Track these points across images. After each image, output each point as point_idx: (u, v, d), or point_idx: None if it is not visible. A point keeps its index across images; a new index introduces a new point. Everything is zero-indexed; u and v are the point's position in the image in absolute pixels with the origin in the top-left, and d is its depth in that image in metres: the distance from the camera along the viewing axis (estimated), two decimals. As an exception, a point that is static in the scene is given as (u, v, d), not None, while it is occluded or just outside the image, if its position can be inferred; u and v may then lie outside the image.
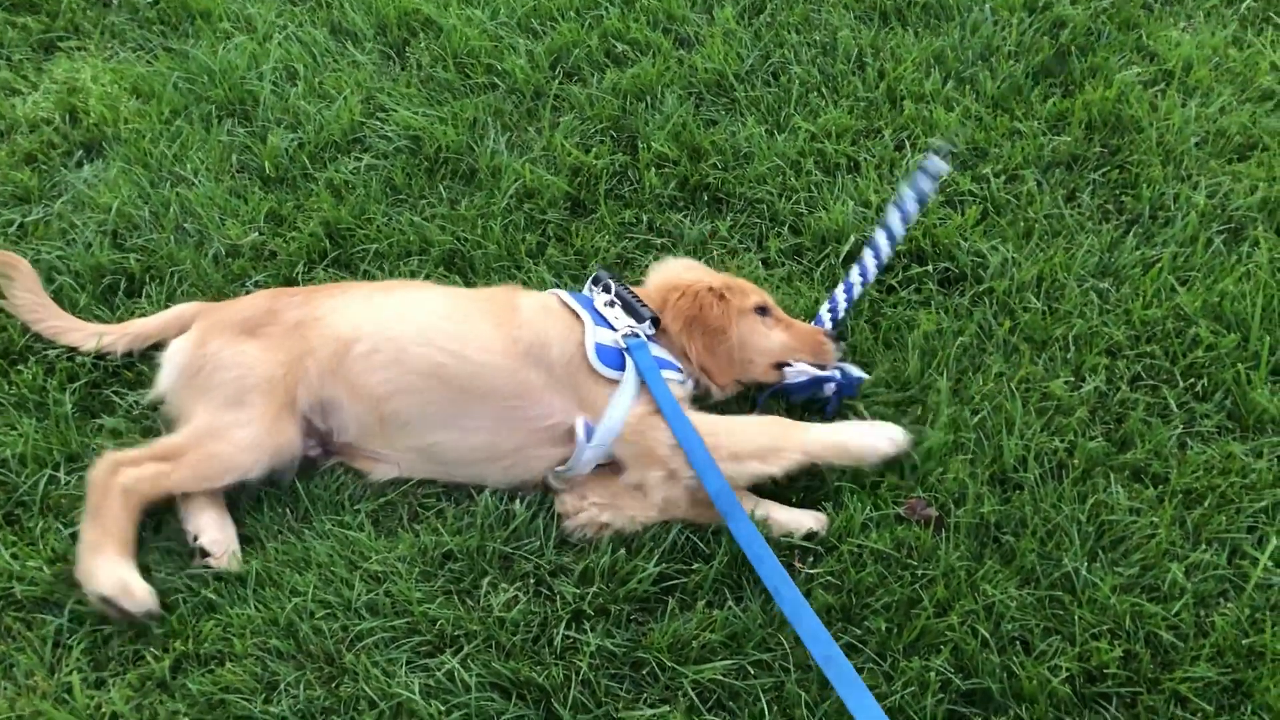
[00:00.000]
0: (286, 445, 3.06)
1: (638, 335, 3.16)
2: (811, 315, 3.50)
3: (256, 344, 3.13)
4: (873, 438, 3.05)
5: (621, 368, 3.09)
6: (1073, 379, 3.37)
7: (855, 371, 3.32)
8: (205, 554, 2.97)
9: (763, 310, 3.34)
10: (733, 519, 2.81)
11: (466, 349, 3.08)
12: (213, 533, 3.01)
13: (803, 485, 3.14)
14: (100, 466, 2.97)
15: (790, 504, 3.10)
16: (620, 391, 3.06)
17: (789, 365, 3.30)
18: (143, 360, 3.43)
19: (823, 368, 3.30)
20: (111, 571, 2.84)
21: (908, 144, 4.10)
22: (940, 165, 3.71)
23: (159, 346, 3.37)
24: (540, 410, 3.07)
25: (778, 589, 2.67)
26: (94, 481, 2.95)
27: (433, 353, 3.08)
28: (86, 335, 3.45)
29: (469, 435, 3.09)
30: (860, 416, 3.27)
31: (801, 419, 3.21)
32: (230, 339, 3.15)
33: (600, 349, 3.09)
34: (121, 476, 2.94)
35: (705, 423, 3.02)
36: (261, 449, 3.01)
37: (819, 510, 3.06)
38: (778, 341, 3.32)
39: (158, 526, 3.10)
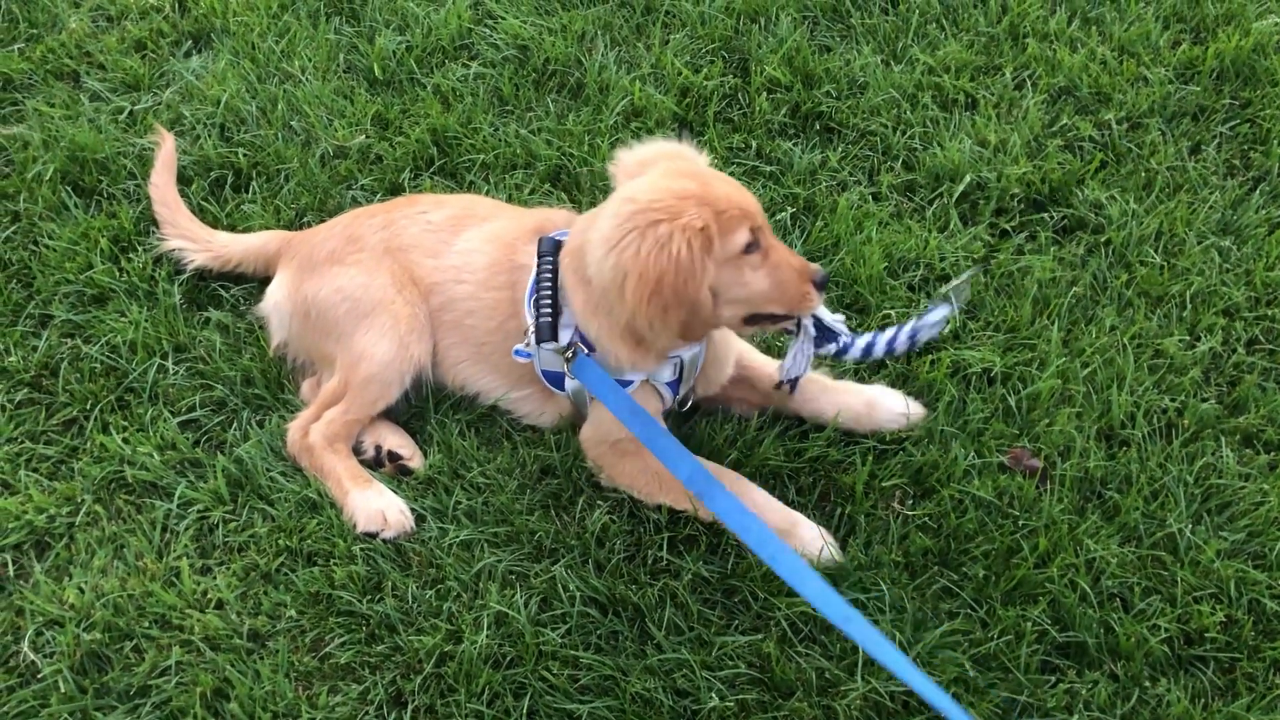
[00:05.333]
0: (424, 353, 3.10)
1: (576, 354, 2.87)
2: (916, 256, 3.43)
3: (352, 270, 3.12)
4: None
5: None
6: (1187, 338, 3.29)
7: (859, 338, 2.85)
8: (396, 457, 3.05)
9: (752, 245, 2.69)
10: (709, 498, 2.62)
11: None
12: (394, 438, 3.10)
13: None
14: (292, 438, 3.06)
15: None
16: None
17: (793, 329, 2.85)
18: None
19: (798, 323, 2.83)
20: (366, 506, 2.91)
21: (1029, 84, 3.97)
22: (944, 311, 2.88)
23: (235, 276, 3.46)
24: None
25: (774, 557, 2.50)
26: (298, 452, 3.05)
27: None
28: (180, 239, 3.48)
29: None
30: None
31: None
32: (323, 276, 3.14)
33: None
34: (313, 435, 3.03)
35: None
36: (402, 360, 3.05)
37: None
38: (758, 289, 2.71)
39: (262, 423, 3.16)
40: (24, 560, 2.91)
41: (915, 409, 3.08)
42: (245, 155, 3.78)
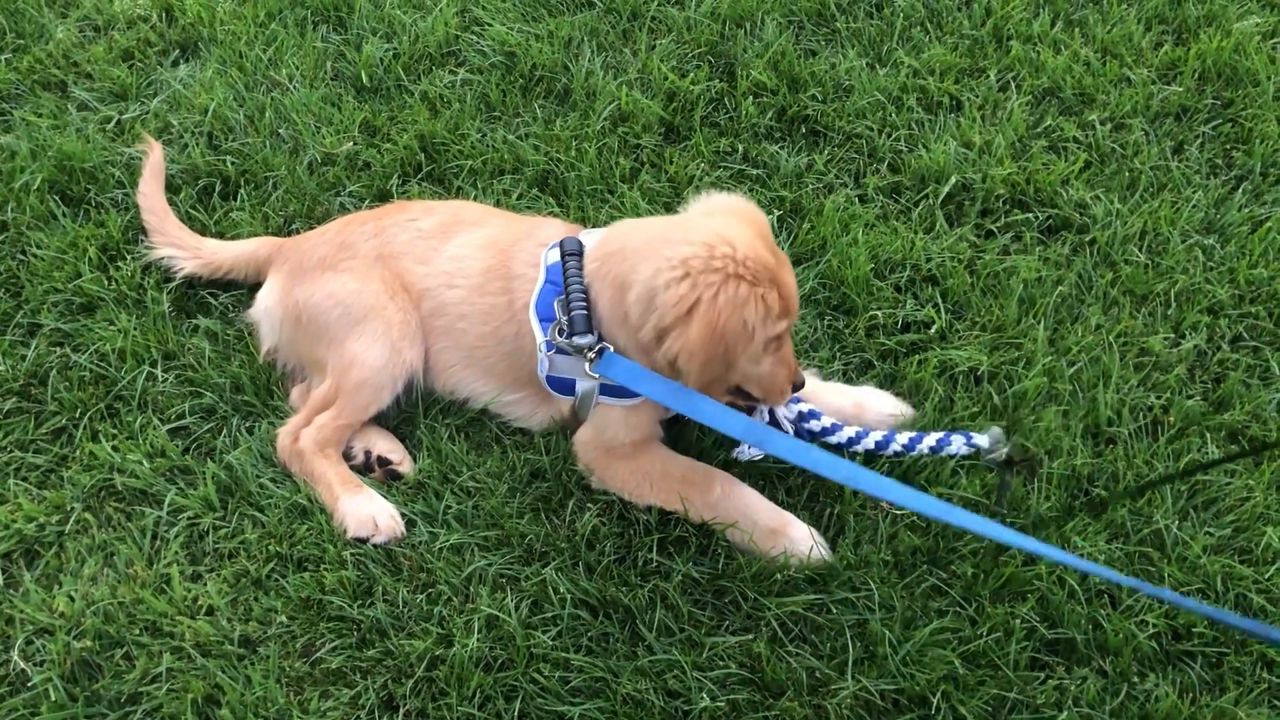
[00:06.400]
0: (415, 359, 3.11)
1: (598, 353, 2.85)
2: (904, 254, 3.45)
3: (344, 277, 3.13)
4: None
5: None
6: (1172, 336, 3.32)
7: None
8: (386, 462, 3.06)
9: (780, 336, 2.78)
10: (770, 444, 2.69)
11: None
12: (383, 443, 3.10)
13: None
14: (282, 443, 3.06)
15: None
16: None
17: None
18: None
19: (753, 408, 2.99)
20: (356, 511, 2.92)
21: (1013, 86, 4.00)
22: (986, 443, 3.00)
23: (224, 283, 3.46)
24: None
25: (851, 477, 2.58)
26: (289, 457, 3.05)
27: None
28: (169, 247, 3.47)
29: None
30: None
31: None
32: (314, 282, 3.15)
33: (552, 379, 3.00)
34: (303, 440, 3.03)
35: None
36: (394, 365, 3.05)
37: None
38: (761, 373, 2.81)
39: (251, 429, 3.16)
40: (14, 569, 2.90)
41: (904, 409, 3.10)
42: (233, 163, 3.78)
